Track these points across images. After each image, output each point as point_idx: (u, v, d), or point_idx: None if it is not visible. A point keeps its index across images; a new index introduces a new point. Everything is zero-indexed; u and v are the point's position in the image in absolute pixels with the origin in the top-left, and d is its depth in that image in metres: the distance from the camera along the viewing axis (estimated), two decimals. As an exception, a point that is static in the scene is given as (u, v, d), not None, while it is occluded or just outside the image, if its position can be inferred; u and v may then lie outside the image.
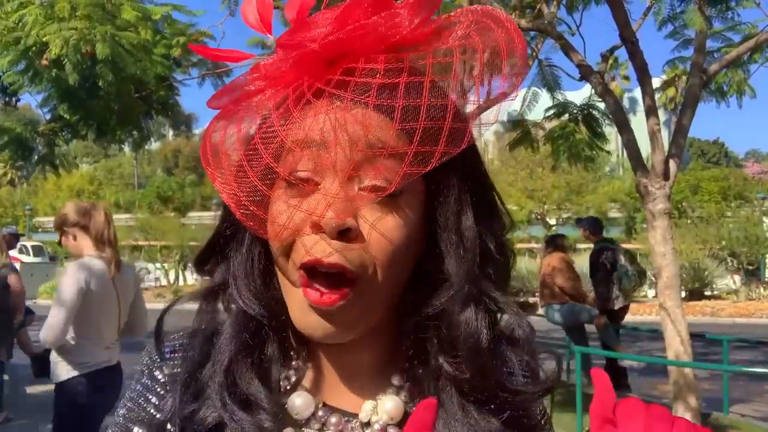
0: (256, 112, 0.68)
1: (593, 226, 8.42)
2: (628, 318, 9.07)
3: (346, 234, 0.63)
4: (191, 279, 27.94)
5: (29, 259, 25.00)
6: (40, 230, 36.45)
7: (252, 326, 0.70)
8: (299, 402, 0.71)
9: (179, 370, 0.72)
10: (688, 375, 5.77)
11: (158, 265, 28.38)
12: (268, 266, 0.72)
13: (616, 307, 7.84)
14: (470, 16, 0.68)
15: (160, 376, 0.75)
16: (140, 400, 0.74)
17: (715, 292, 21.34)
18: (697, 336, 6.91)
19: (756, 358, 10.23)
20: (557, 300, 8.11)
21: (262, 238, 0.70)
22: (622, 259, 7.76)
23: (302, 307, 0.66)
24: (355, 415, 0.72)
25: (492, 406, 0.70)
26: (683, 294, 12.29)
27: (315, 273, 0.64)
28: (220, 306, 0.74)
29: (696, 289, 20.55)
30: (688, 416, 5.59)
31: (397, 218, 0.65)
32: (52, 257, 28.27)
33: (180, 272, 28.08)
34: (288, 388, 0.72)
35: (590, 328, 8.24)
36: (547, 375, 0.75)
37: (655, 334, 6.80)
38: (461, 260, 0.69)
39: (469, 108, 0.67)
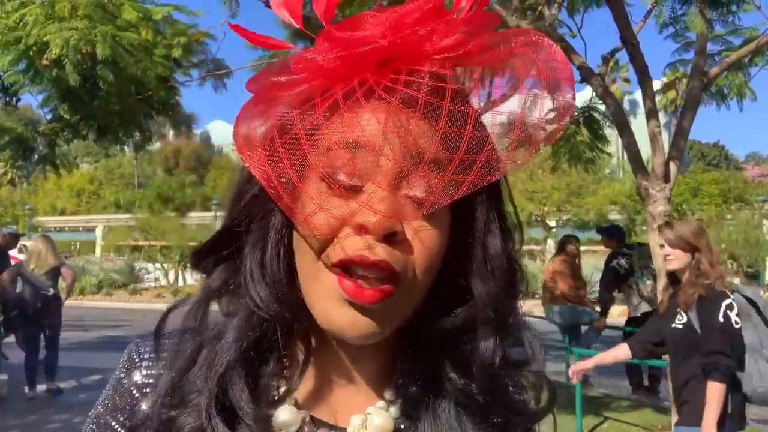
0: (298, 102, 0.65)
1: (609, 234, 8.38)
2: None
3: (391, 238, 0.61)
4: (191, 279, 27.94)
5: (29, 258, 24.98)
6: (40, 230, 36.45)
7: (257, 331, 0.68)
8: (284, 417, 0.68)
9: (160, 372, 0.71)
10: (687, 377, 5.76)
11: (158, 265, 28.40)
12: (289, 266, 0.69)
13: (638, 314, 7.72)
14: (522, 38, 0.66)
15: (137, 378, 0.74)
16: (115, 400, 0.73)
17: (715, 295, 21.32)
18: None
19: (755, 361, 10.21)
20: (557, 302, 8.13)
21: (285, 234, 0.69)
22: (637, 265, 7.66)
23: (335, 302, 0.63)
24: (344, 430, 0.71)
25: (490, 422, 0.70)
26: (683, 296, 12.23)
27: (351, 272, 0.62)
28: (214, 308, 0.72)
29: (696, 292, 20.54)
30: (687, 419, 5.59)
31: (435, 228, 0.65)
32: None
33: (180, 273, 28.09)
34: (277, 398, 0.69)
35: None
36: (543, 401, 0.75)
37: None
38: (487, 280, 0.68)
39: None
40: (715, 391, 3.21)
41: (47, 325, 8.12)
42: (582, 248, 9.40)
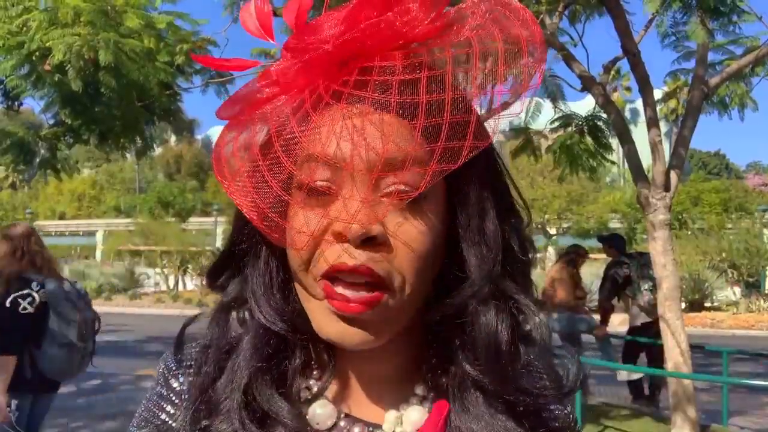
0: (271, 119, 0.64)
1: (609, 243, 8.35)
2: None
3: (370, 242, 0.60)
4: (191, 284, 27.91)
5: (29, 263, 24.97)
6: (40, 234, 36.43)
7: (272, 342, 0.68)
8: (320, 411, 0.68)
9: (194, 379, 0.71)
10: (687, 386, 5.76)
11: (158, 270, 28.37)
12: (287, 279, 0.70)
13: (638, 323, 7.68)
14: (483, 6, 0.65)
15: (175, 385, 0.73)
16: (154, 409, 0.73)
17: (715, 304, 21.33)
18: (696, 347, 6.89)
19: (755, 371, 10.20)
20: (556, 310, 8.12)
21: (278, 251, 0.69)
22: (635, 276, 7.63)
23: (325, 315, 0.63)
24: (379, 426, 0.70)
25: (521, 408, 0.68)
26: (683, 305, 12.26)
27: (337, 281, 0.62)
28: (233, 318, 0.72)
29: (696, 301, 20.53)
30: (686, 427, 5.58)
31: (422, 224, 0.63)
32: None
33: (180, 277, 28.07)
34: (309, 398, 0.69)
35: (588, 338, 8.24)
36: (569, 377, 0.72)
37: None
38: (483, 259, 0.66)
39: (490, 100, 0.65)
40: None
41: None
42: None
